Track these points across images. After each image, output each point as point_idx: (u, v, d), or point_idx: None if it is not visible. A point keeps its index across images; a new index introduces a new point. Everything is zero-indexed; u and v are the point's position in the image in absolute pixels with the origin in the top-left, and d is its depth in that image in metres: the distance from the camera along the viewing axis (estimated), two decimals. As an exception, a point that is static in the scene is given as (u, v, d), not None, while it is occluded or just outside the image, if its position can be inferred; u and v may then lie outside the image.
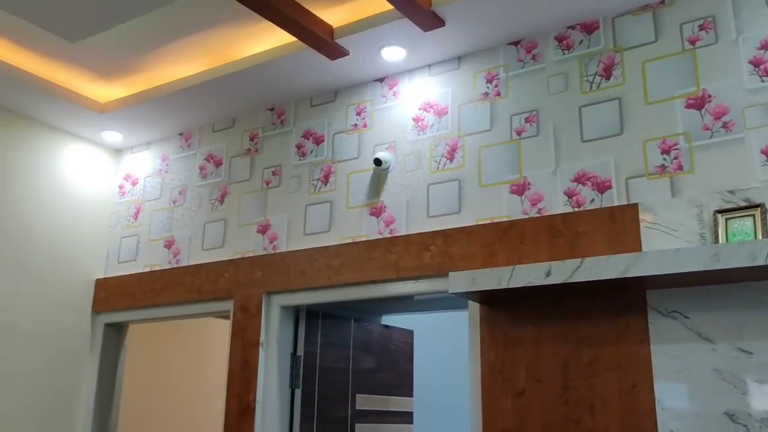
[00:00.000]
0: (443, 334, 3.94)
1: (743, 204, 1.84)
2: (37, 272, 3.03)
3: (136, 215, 3.28)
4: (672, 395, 1.84)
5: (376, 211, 2.56)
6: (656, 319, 1.91)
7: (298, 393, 2.71)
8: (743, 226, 1.80)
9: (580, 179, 2.16)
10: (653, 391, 1.87)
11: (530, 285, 1.93)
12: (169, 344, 4.85)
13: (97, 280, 3.25)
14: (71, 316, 3.14)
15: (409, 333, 3.39)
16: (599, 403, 1.95)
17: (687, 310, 1.86)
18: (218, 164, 3.08)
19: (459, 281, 2.05)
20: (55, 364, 3.04)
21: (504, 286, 1.97)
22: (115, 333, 3.24)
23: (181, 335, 4.96)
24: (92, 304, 3.22)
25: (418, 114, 2.57)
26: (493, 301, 2.19)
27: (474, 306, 2.24)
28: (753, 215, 1.79)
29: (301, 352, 2.75)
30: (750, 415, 1.72)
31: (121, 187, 3.39)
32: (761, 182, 1.86)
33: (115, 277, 3.20)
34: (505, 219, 2.27)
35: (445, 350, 3.92)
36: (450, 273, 2.07)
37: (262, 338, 2.67)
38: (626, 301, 1.97)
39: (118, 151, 3.46)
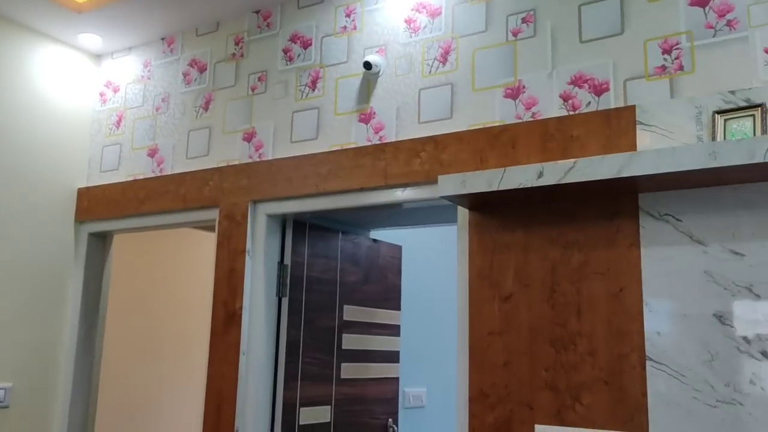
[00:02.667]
0: (432, 251, 3.94)
1: (743, 104, 1.78)
2: (17, 179, 2.96)
3: (118, 123, 3.19)
4: (660, 298, 1.83)
5: (365, 118, 2.49)
6: (648, 223, 1.88)
7: (285, 301, 2.70)
8: (742, 126, 1.75)
9: (577, 82, 2.09)
10: (641, 294, 1.86)
11: (522, 187, 1.88)
12: (152, 255, 4.85)
13: (79, 189, 3.18)
14: (55, 225, 3.08)
15: (398, 248, 3.37)
16: (586, 307, 1.94)
17: (680, 212, 1.83)
18: (202, 70, 2.96)
19: (448, 184, 2.00)
20: (41, 272, 3.01)
21: (494, 188, 1.92)
22: (100, 242, 3.20)
23: (165, 246, 4.96)
24: (75, 213, 3.16)
25: (410, 15, 2.46)
26: (482, 206, 2.15)
27: (463, 211, 2.20)
28: (753, 115, 1.73)
29: (288, 261, 2.72)
30: (738, 316, 1.72)
31: (102, 94, 3.28)
32: (763, 82, 1.79)
33: (97, 186, 3.13)
34: (497, 124, 2.20)
35: (434, 266, 3.92)
36: (439, 176, 2.02)
37: (249, 246, 2.64)
38: (618, 204, 1.93)
39: (98, 57, 3.33)
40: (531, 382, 1.99)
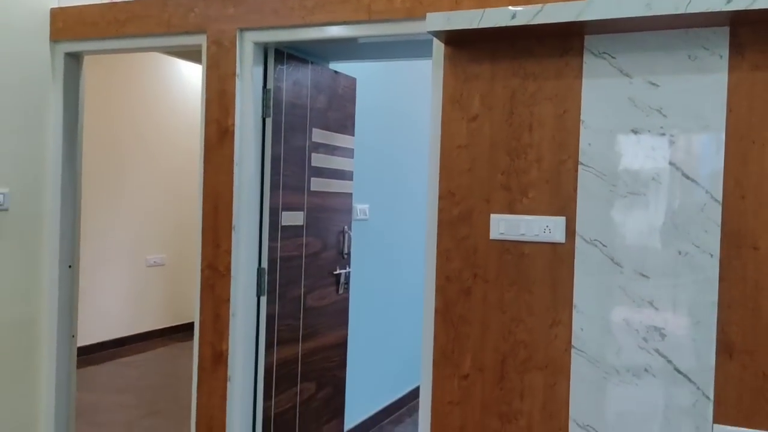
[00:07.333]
0: (382, 84, 4.35)
1: (672, -33, 2.28)
2: (-8, -5, 3.03)
3: (88, -56, 3.23)
4: (594, 117, 2.41)
5: (349, -44, 2.77)
6: (590, 59, 2.41)
7: (268, 122, 3.08)
8: (670, -15, 2.26)
9: (542, -63, 2.49)
10: (580, 114, 2.43)
11: (497, 26, 2.33)
12: (118, 77, 4.98)
13: (52, 9, 3.26)
14: (30, 45, 3.19)
15: (353, 80, 3.77)
16: (537, 125, 2.49)
17: (615, 51, 2.37)
18: None
19: (436, 21, 2.41)
20: (20, 89, 3.16)
21: (475, 26, 2.36)
22: (75, 62, 3.35)
23: (127, 69, 5.09)
24: (50, 33, 3.27)
25: None
26: (457, 42, 2.59)
27: (439, 46, 2.63)
28: (679, -23, 2.24)
29: (271, 86, 3.07)
30: (649, 131, 2.34)
31: None
32: (689, -50, 2.29)
33: (72, 6, 3.23)
34: (471, -30, 2.58)
35: (382, 100, 4.36)
36: (428, 14, 2.42)
37: (238, 70, 2.94)
38: (568, 45, 2.44)
39: None
40: (489, 183, 2.56)
